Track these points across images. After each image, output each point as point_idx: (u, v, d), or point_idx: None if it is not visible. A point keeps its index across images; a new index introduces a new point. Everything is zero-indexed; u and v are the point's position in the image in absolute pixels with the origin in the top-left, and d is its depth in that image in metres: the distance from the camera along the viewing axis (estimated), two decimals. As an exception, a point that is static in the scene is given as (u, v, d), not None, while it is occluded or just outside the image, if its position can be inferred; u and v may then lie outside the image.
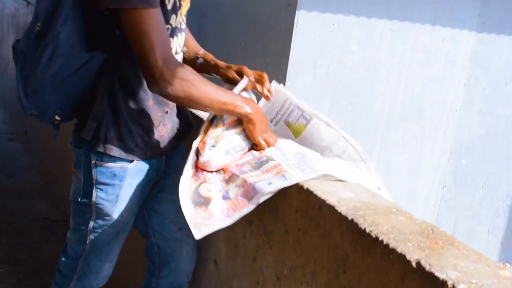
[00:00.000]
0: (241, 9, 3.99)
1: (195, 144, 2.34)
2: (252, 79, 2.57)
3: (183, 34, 2.48)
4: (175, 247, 2.71)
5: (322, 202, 1.85)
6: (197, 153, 2.33)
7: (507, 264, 4.88)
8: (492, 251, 4.90)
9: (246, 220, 2.30)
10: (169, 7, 2.30)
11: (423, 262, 1.51)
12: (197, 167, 2.33)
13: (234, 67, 2.63)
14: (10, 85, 7.23)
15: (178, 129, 2.55)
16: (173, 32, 2.36)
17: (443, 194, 4.49)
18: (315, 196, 1.89)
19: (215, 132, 2.35)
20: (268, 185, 2.05)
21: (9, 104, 7.46)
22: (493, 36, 4.32)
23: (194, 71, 2.19)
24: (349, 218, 1.73)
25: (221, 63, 2.67)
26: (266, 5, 3.83)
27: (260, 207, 2.13)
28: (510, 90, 4.51)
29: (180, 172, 2.50)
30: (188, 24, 2.62)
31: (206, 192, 2.22)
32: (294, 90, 3.61)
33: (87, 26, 2.26)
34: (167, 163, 2.58)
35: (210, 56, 2.73)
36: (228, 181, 2.24)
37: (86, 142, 2.42)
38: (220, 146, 2.29)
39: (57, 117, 2.39)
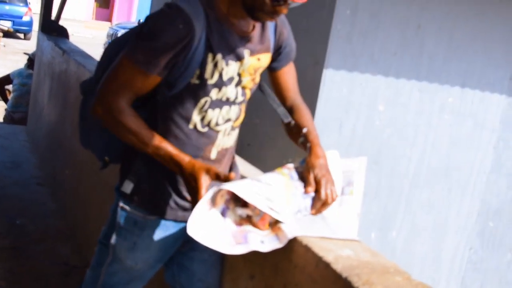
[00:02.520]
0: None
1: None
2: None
3: (236, 107, 2.50)
4: None
5: (319, 259, 1.87)
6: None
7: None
8: (520, 317, 4.83)
9: (249, 273, 2.32)
10: (210, 81, 2.35)
11: (412, 325, 1.51)
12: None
13: (315, 173, 2.40)
14: (44, 131, 7.35)
15: None
16: (213, 105, 2.40)
17: (470, 257, 4.44)
18: (313, 253, 1.91)
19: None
20: (261, 243, 2.07)
21: (41, 149, 7.57)
22: (524, 100, 4.32)
23: (130, 121, 2.29)
24: (343, 276, 1.74)
25: (314, 153, 2.46)
26: (294, 62, 3.87)
27: (261, 261, 2.15)
28: (541, 154, 4.48)
29: None
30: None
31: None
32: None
33: None
34: None
35: (311, 136, 2.57)
36: (234, 203, 2.21)
37: (120, 186, 2.51)
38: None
39: (106, 158, 2.52)
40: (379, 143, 3.89)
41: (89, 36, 29.75)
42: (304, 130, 2.58)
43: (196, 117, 2.39)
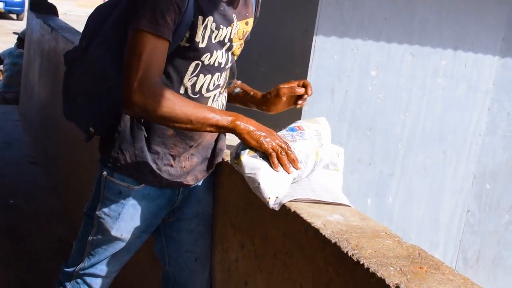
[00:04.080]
0: (260, 35, 4.00)
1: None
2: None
3: (225, 73, 2.50)
4: (189, 278, 2.71)
5: (308, 225, 1.85)
6: None
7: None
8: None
9: (239, 243, 2.31)
10: (201, 45, 2.32)
11: (402, 287, 1.50)
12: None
13: (272, 90, 2.69)
14: (36, 109, 7.32)
15: (206, 163, 2.57)
16: (204, 69, 2.38)
17: (467, 219, 4.43)
18: (301, 219, 1.89)
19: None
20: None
21: (34, 128, 7.55)
22: (517, 61, 4.29)
23: (173, 93, 2.20)
24: (333, 241, 1.73)
25: (259, 93, 2.73)
26: (284, 31, 3.84)
27: (251, 230, 2.14)
28: (535, 114, 4.46)
29: (201, 204, 2.55)
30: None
31: None
32: (311, 116, 3.60)
33: (121, 51, 2.30)
34: (186, 194, 2.58)
35: (247, 87, 2.78)
36: None
37: (103, 156, 2.47)
38: None
39: (91, 129, 2.47)
40: (372, 108, 3.87)
41: (82, 14, 29.56)
42: (239, 82, 2.79)
43: (187, 82, 2.37)
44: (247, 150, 2.23)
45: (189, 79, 2.37)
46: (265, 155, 2.21)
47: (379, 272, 1.56)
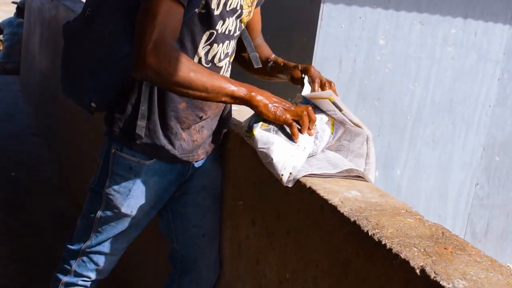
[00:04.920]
0: (266, 2, 3.90)
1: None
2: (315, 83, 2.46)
3: (233, 41, 2.40)
4: (197, 255, 2.63)
5: (324, 202, 1.75)
6: None
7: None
8: (528, 251, 4.77)
9: (250, 220, 2.22)
10: (216, 12, 2.23)
11: (428, 270, 1.41)
12: None
13: (300, 66, 2.53)
14: (37, 79, 7.23)
15: (214, 136, 2.49)
16: (217, 38, 2.29)
17: (476, 192, 4.35)
18: (317, 196, 1.79)
19: None
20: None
21: (35, 98, 7.45)
22: (528, 30, 4.19)
23: (188, 58, 2.09)
24: (352, 219, 1.63)
25: (290, 64, 2.59)
26: (290, -1, 3.75)
27: (262, 207, 2.05)
28: (547, 85, 4.37)
29: (207, 177, 2.45)
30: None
31: None
32: (318, 85, 3.52)
33: (134, 20, 2.19)
34: (195, 168, 2.50)
35: (280, 59, 2.66)
36: None
37: (112, 131, 2.37)
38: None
39: (93, 104, 2.36)
40: (380, 78, 3.78)
41: (81, -18, 29.38)
42: (273, 57, 2.66)
43: (201, 51, 2.27)
44: (260, 123, 2.13)
45: (203, 47, 2.27)
46: (280, 128, 2.11)
47: (403, 253, 1.46)
